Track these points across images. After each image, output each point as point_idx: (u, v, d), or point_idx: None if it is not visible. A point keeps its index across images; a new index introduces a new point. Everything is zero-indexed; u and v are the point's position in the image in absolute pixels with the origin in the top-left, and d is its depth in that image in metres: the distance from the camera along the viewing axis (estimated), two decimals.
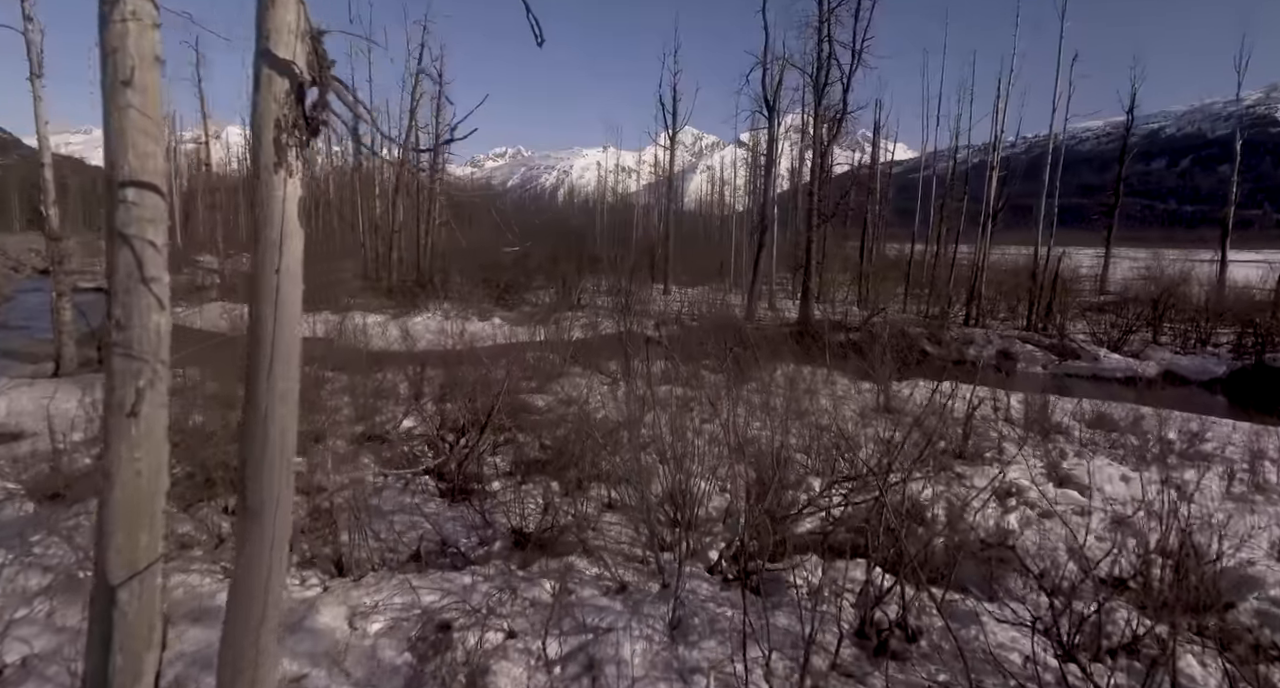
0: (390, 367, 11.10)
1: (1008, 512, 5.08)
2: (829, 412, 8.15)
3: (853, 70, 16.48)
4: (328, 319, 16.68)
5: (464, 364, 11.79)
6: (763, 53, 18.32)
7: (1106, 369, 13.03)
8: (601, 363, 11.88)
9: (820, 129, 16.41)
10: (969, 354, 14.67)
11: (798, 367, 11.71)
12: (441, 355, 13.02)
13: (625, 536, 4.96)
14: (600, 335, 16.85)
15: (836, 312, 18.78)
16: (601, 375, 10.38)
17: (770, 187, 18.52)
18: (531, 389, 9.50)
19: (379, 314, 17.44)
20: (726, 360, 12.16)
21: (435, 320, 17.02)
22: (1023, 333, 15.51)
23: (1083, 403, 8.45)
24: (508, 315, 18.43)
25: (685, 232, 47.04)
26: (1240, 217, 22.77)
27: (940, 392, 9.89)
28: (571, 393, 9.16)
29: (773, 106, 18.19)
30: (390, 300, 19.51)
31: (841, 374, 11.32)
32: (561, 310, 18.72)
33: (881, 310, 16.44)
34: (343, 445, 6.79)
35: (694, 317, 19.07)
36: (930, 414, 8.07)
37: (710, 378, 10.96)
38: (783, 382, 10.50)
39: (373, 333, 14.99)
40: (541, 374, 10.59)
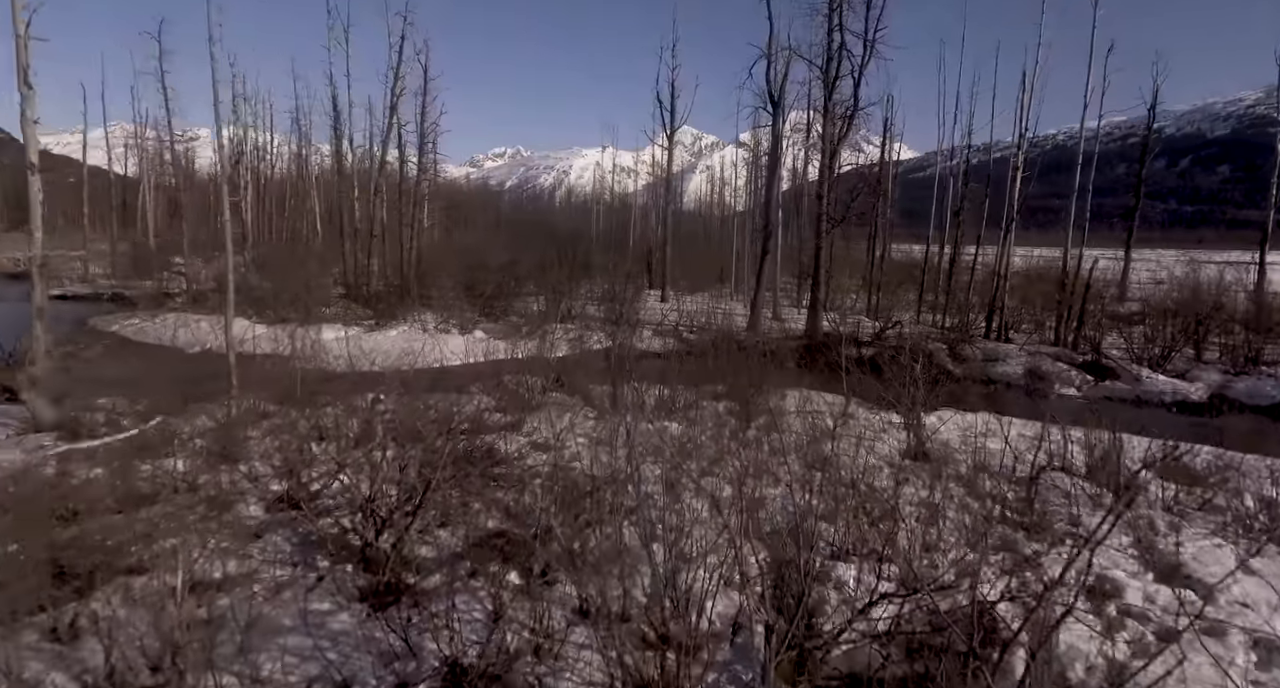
0: (349, 392, 9.82)
1: (1113, 632, 3.78)
2: (852, 458, 6.85)
3: (865, 62, 15.21)
4: (294, 332, 15.39)
5: (431, 391, 10.54)
6: (767, 44, 17.04)
7: (1150, 392, 11.73)
8: (588, 387, 10.57)
9: (830, 126, 15.13)
10: (995, 373, 13.37)
11: (811, 392, 10.41)
12: (411, 377, 11.73)
13: (599, 669, 3.65)
14: (589, 351, 15.54)
15: (846, 322, 17.48)
16: (587, 406, 9.07)
17: (774, 188, 17.23)
18: (502, 426, 8.19)
19: (353, 326, 16.13)
20: (730, 388, 10.89)
21: (412, 334, 15.70)
22: (1053, 349, 14.21)
23: (1152, 445, 7.13)
24: (492, 328, 17.12)
25: (684, 232, 45.69)
26: (1240, 217, 21.38)
27: (978, 432, 8.62)
28: (549, 432, 7.85)
29: (777, 102, 16.90)
30: (369, 310, 18.20)
31: (861, 403, 10.01)
32: (550, 322, 17.42)
33: (897, 324, 15.14)
34: (257, 514, 5.49)
35: (692, 328, 17.77)
36: (979, 471, 6.80)
37: (712, 408, 9.67)
38: (794, 413, 9.20)
39: (339, 349, 13.68)
40: (517, 404, 9.29)
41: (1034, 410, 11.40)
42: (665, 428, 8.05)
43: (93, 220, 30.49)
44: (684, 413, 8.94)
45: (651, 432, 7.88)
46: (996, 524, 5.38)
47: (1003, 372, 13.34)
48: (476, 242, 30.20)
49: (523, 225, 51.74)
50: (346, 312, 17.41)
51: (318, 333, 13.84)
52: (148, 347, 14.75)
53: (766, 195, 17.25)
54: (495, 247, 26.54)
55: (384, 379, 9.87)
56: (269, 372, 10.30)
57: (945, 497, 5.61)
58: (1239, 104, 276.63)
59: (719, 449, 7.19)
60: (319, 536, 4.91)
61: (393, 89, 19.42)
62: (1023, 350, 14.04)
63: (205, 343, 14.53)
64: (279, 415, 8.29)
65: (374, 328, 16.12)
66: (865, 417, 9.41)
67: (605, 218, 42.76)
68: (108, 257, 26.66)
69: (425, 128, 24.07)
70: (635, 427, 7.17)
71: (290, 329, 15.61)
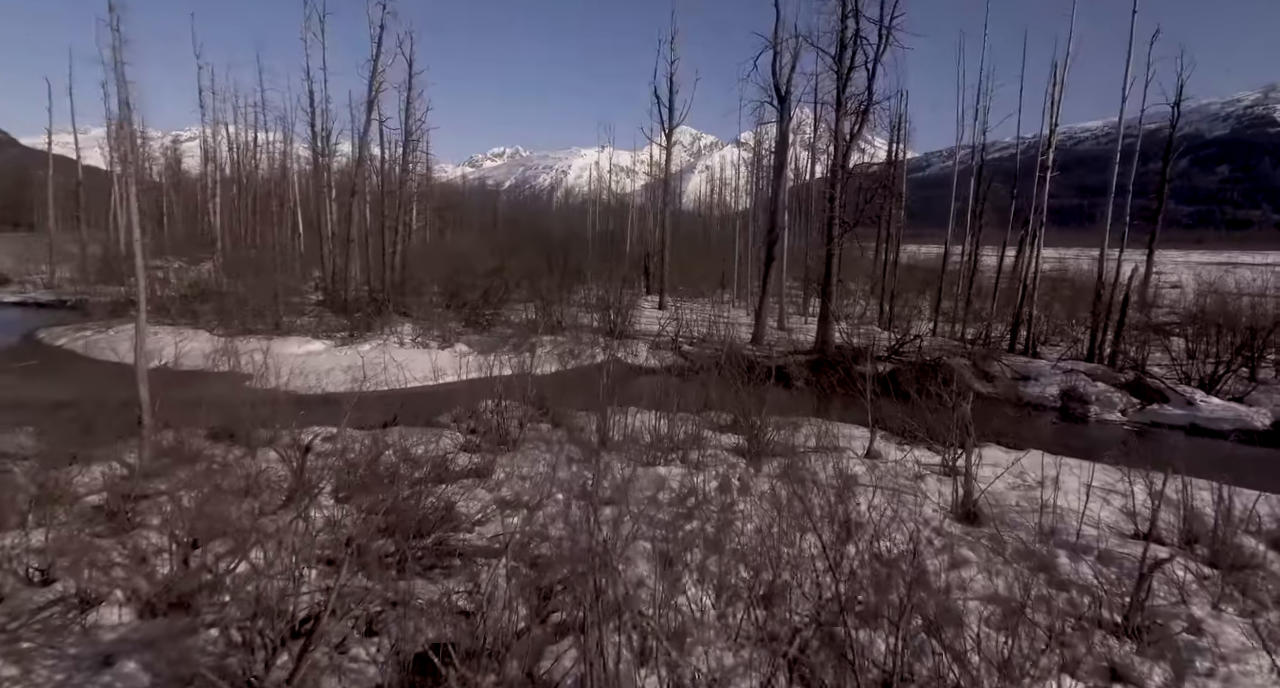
0: (300, 421, 8.57)
1: None
2: (886, 516, 5.58)
3: (880, 52, 13.95)
4: (257, 345, 14.11)
5: (393, 423, 9.26)
6: (773, 33, 15.80)
7: (1208, 419, 10.47)
8: (575, 417, 9.31)
9: (843, 122, 13.88)
10: (1028, 394, 12.12)
11: (828, 423, 9.15)
12: (376, 402, 10.47)
13: None
14: (581, 368, 14.28)
15: (857, 332, 16.23)
16: (572, 446, 7.79)
17: (781, 189, 15.98)
18: (469, 471, 6.92)
19: (324, 339, 14.85)
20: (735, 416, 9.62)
21: (388, 348, 14.42)
22: (1088, 366, 12.95)
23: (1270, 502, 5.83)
24: (476, 340, 15.83)
25: (684, 233, 44.39)
26: (1238, 217, 20.43)
27: (1036, 479, 7.35)
28: (522, 484, 6.58)
29: (784, 96, 15.65)
30: (347, 320, 16.90)
31: (888, 437, 8.74)
32: (539, 334, 16.15)
33: (917, 338, 13.88)
34: (124, 621, 4.21)
35: (693, 340, 16.51)
36: (1047, 538, 5.52)
37: (716, 441, 8.39)
38: (812, 450, 7.93)
39: (303, 366, 12.40)
40: (491, 438, 8.03)
41: (1080, 440, 10.17)
42: (662, 478, 6.78)
43: (67, 221, 29.22)
44: (684, 451, 7.67)
45: (646, 484, 6.62)
46: (1093, 631, 4.12)
47: (1036, 393, 12.09)
48: (467, 245, 28.96)
49: (517, 226, 50.50)
50: (320, 323, 16.13)
51: (266, 349, 12.50)
52: (93, 363, 13.47)
53: (773, 197, 16.00)
54: (486, 250, 25.31)
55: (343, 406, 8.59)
56: (213, 397, 9.02)
57: (1022, 590, 4.36)
58: (1237, 104, 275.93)
59: (725, 508, 5.94)
60: (190, 670, 3.62)
61: (371, 83, 18.14)
62: (1056, 368, 12.78)
63: (161, 358, 13.23)
64: (202, 459, 7.03)
65: (347, 341, 14.84)
66: (893, 455, 8.14)
67: (602, 219, 41.47)
68: (78, 260, 25.36)
69: (410, 125, 22.81)
70: (626, 501, 5.90)
71: (252, 343, 14.37)
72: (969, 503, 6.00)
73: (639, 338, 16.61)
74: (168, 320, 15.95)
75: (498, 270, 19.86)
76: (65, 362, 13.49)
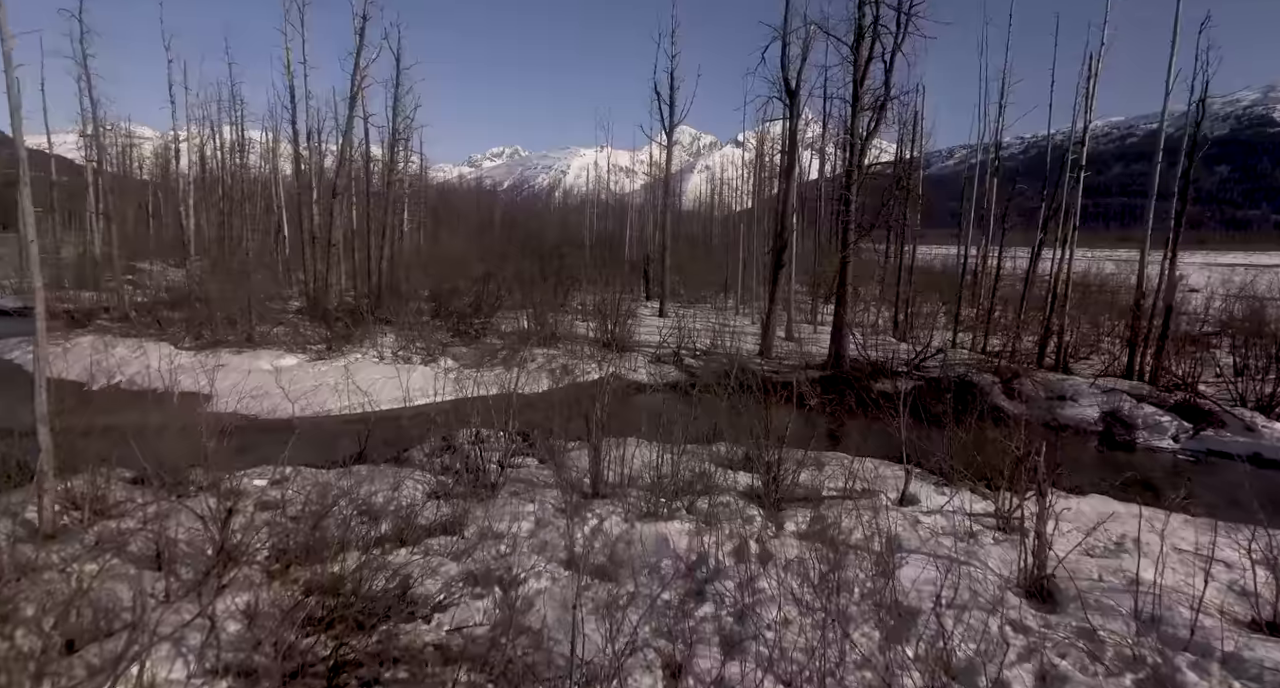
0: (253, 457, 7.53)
1: None
2: (944, 594, 4.50)
3: (900, 41, 12.85)
4: (224, 360, 13.01)
5: (355, 459, 8.15)
6: (782, 22, 14.71)
7: (1273, 447, 9.38)
8: (565, 451, 8.21)
9: (859, 119, 12.80)
10: (1065, 416, 11.03)
11: (850, 458, 8.06)
12: (345, 430, 9.37)
13: None
14: (576, 385, 13.17)
15: (871, 343, 15.15)
16: (560, 492, 6.67)
17: (790, 191, 14.88)
18: (436, 528, 5.81)
19: (298, 353, 13.74)
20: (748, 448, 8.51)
21: (366, 364, 13.32)
22: (1129, 384, 11.87)
23: None
24: (463, 353, 14.73)
25: (684, 234, 43.27)
26: (1238, 217, 19.30)
27: (1114, 540, 6.24)
28: (496, 547, 5.47)
29: (794, 91, 14.55)
30: (327, 330, 15.76)
31: (923, 475, 7.65)
32: (531, 346, 15.06)
33: (940, 352, 12.79)
34: None
35: (696, 352, 15.42)
36: (1146, 628, 4.40)
37: (727, 482, 7.28)
38: (838, 497, 6.84)
39: (269, 386, 11.30)
40: (467, 483, 6.93)
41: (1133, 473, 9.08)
42: (666, 537, 5.68)
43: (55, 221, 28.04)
44: (691, 497, 6.57)
45: (647, 545, 5.51)
46: None
47: (1074, 415, 11.00)
48: (459, 248, 27.83)
49: (514, 228, 49.41)
50: (296, 334, 15.01)
51: (223, 366, 11.39)
52: None
53: (782, 200, 14.90)
54: (478, 254, 24.19)
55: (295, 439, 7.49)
56: (161, 424, 7.91)
57: None
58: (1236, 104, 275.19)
59: (744, 585, 4.85)
60: None
61: (354, 77, 17.03)
62: (1095, 387, 11.70)
63: (114, 375, 12.13)
64: (115, 514, 5.93)
65: (324, 355, 13.74)
66: (933, 499, 7.04)
67: (601, 219, 40.33)
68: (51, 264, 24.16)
69: (398, 123, 21.72)
70: (621, 574, 4.83)
71: (221, 357, 13.27)
72: (1042, 576, 4.91)
73: (638, 349, 15.52)
74: (132, 332, 14.84)
75: (488, 277, 18.72)
76: (5, 379, 12.37)
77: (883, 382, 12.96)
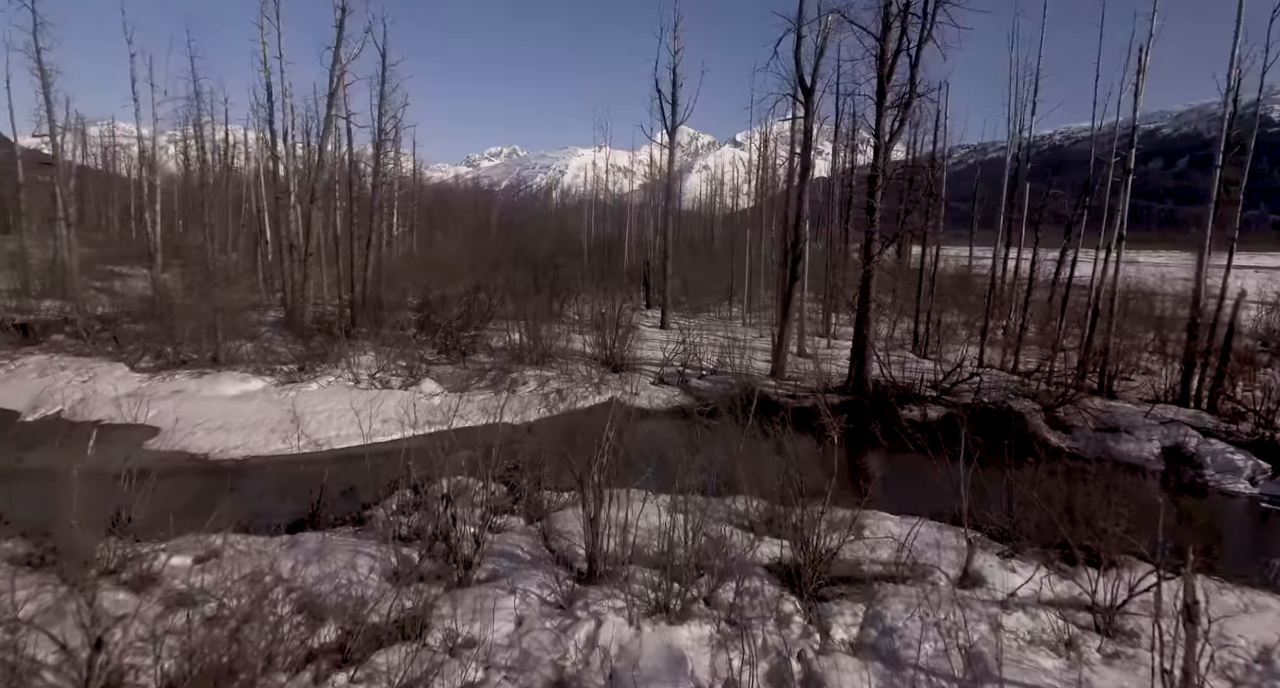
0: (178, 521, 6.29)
1: None
2: None
3: (927, 33, 11.64)
4: (181, 385, 11.77)
5: (295, 524, 6.90)
6: (797, 13, 13.50)
7: None
8: (559, 512, 7.01)
9: (884, 117, 11.60)
10: (1119, 451, 9.82)
11: (899, 520, 6.86)
12: (303, 474, 8.14)
13: None
14: (572, 412, 11.95)
15: (892, 360, 13.96)
16: (550, 576, 5.45)
17: (804, 197, 13.67)
18: (387, 635, 4.59)
19: (267, 375, 12.50)
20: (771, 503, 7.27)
21: (339, 388, 12.09)
22: (1191, 413, 10.69)
23: None
24: (448, 373, 13.51)
25: (685, 236, 42.01)
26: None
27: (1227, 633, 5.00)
28: (466, 668, 4.26)
29: (810, 88, 13.34)
30: (302, 347, 14.51)
31: (984, 543, 6.41)
32: (524, 365, 13.84)
33: (975, 376, 11.58)
34: None
35: (702, 371, 14.20)
36: None
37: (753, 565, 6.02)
38: (889, 581, 5.64)
39: (226, 417, 10.06)
40: (437, 554, 5.71)
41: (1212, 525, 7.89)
42: (680, 652, 4.46)
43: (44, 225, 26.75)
44: (710, 585, 5.34)
45: (656, 664, 4.31)
46: None
47: (1131, 450, 9.79)
48: (452, 253, 26.60)
49: (511, 231, 48.25)
50: (266, 354, 13.77)
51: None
52: None
53: (795, 208, 13.69)
54: (471, 261, 22.94)
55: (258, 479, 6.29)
56: (89, 467, 6.68)
57: None
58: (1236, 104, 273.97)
59: None
60: None
61: (332, 74, 15.80)
62: (1151, 417, 10.50)
63: (56, 402, 10.89)
64: None
65: (294, 377, 12.50)
66: (1000, 578, 5.80)
67: (599, 222, 39.04)
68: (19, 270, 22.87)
69: (383, 122, 20.47)
70: None
71: (179, 380, 12.03)
72: None
73: (639, 368, 14.30)
74: (87, 350, 13.59)
75: (478, 289, 17.50)
76: None
77: (909, 407, 11.77)
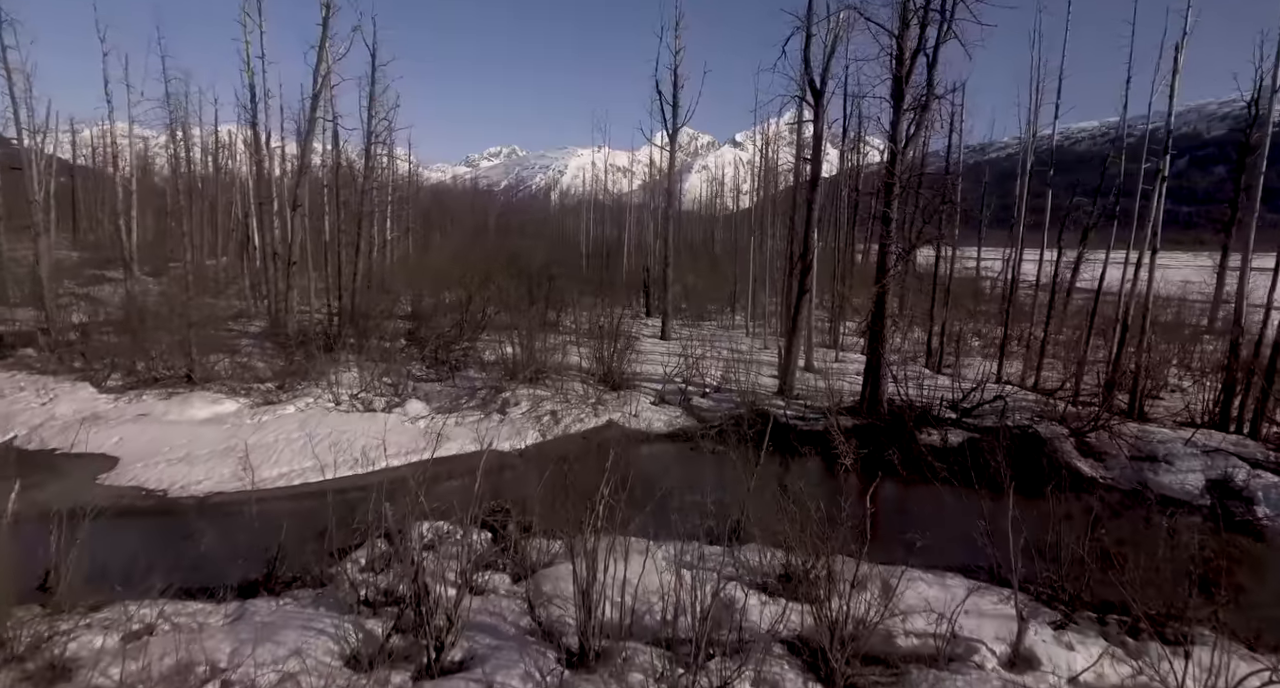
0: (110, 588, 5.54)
1: None
2: None
3: (945, 31, 10.88)
4: (148, 407, 11.00)
5: (269, 580, 6.11)
6: (806, 11, 12.74)
7: None
8: (550, 566, 6.25)
9: (901, 121, 10.84)
10: (1158, 483, 9.07)
11: (930, 576, 6.10)
12: (267, 512, 7.37)
13: None
14: (568, 436, 11.15)
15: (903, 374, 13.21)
16: (529, 657, 4.68)
17: (813, 206, 12.90)
18: None
19: (242, 396, 11.72)
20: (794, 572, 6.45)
21: (319, 411, 11.32)
22: (1234, 440, 9.93)
23: None
24: (437, 392, 12.74)
25: (686, 238, 41.16)
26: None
27: None
28: None
29: (820, 90, 12.58)
30: (287, 361, 13.71)
31: (1034, 608, 5.64)
32: (516, 383, 13.07)
33: (999, 399, 10.81)
34: None
35: (705, 389, 13.42)
36: None
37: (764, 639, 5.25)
38: (930, 665, 4.89)
39: (192, 445, 9.28)
40: (407, 625, 4.95)
41: None
42: None
43: None
44: (720, 666, 4.58)
45: None
46: None
47: (1171, 483, 9.04)
48: (446, 260, 25.79)
49: (508, 234, 47.51)
50: (244, 371, 12.99)
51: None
52: None
53: (806, 216, 12.91)
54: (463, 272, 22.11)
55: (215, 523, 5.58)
56: (24, 509, 5.89)
57: None
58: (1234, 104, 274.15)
59: None
60: None
61: (316, 74, 15.03)
62: (1191, 445, 9.73)
63: (10, 427, 10.11)
64: None
65: (271, 397, 11.73)
66: (1051, 651, 5.04)
67: (598, 224, 38.16)
68: None
69: (373, 125, 19.70)
70: None
71: (146, 401, 11.27)
72: None
73: (638, 386, 13.53)
74: (52, 367, 12.80)
75: (469, 300, 16.75)
76: None
77: (928, 431, 11.01)
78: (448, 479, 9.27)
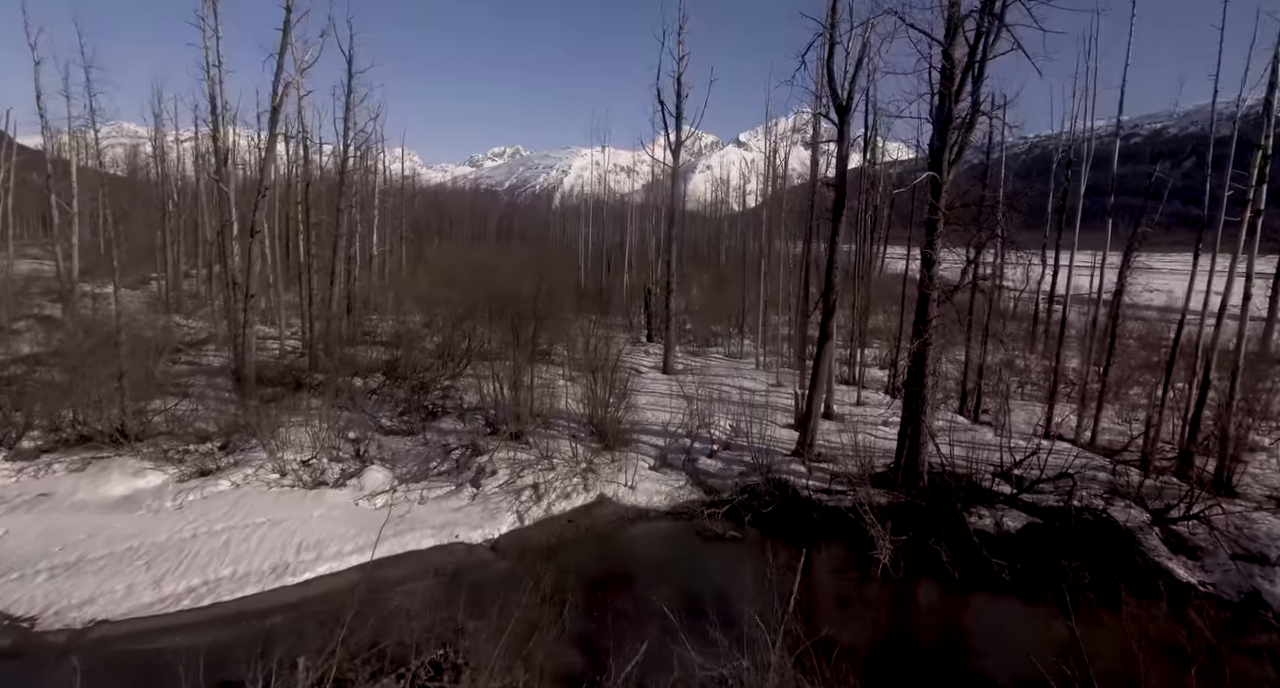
0: None
1: None
2: None
3: (995, 36, 9.12)
4: (54, 484, 9.34)
5: None
6: (829, 15, 11.01)
7: None
8: None
9: (946, 146, 9.10)
10: (1271, 592, 7.33)
11: None
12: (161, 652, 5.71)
13: None
14: (550, 519, 9.44)
15: (948, 437, 11.56)
16: None
17: (837, 237, 11.15)
18: None
19: (172, 464, 10.04)
20: None
21: (257, 488, 9.64)
22: None
23: None
24: (405, 451, 11.08)
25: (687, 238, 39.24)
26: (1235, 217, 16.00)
27: None
28: None
29: (846, 105, 10.85)
30: (237, 413, 12.00)
31: None
32: (497, 438, 11.42)
33: (1067, 476, 9.05)
34: None
35: (714, 448, 11.70)
36: None
37: None
38: None
39: (88, 543, 7.61)
40: None
41: None
42: None
43: None
44: None
45: None
46: None
47: None
48: (432, 282, 24.11)
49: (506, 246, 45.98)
50: (186, 423, 11.34)
51: (30, 502, 7.59)
52: None
53: (830, 254, 11.14)
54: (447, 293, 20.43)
55: None
56: None
57: None
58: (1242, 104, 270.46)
59: None
60: None
61: (275, 84, 13.35)
62: None
63: None
64: None
65: (205, 465, 10.07)
66: None
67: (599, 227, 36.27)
68: None
69: (350, 139, 18.06)
70: None
71: (55, 473, 9.63)
72: None
73: (637, 439, 11.83)
74: None
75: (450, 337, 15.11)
76: None
77: (978, 511, 9.28)
78: (400, 584, 7.64)
